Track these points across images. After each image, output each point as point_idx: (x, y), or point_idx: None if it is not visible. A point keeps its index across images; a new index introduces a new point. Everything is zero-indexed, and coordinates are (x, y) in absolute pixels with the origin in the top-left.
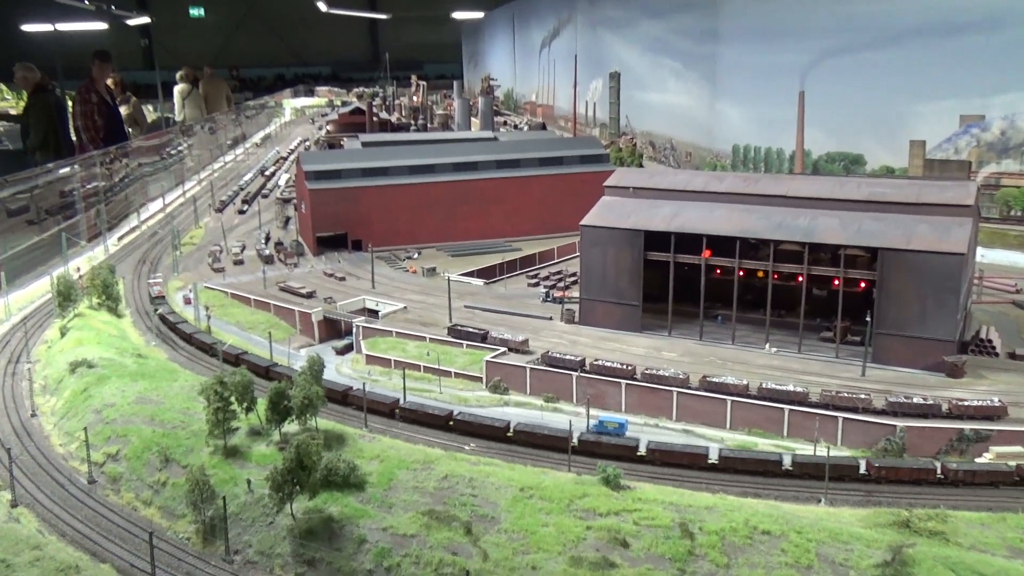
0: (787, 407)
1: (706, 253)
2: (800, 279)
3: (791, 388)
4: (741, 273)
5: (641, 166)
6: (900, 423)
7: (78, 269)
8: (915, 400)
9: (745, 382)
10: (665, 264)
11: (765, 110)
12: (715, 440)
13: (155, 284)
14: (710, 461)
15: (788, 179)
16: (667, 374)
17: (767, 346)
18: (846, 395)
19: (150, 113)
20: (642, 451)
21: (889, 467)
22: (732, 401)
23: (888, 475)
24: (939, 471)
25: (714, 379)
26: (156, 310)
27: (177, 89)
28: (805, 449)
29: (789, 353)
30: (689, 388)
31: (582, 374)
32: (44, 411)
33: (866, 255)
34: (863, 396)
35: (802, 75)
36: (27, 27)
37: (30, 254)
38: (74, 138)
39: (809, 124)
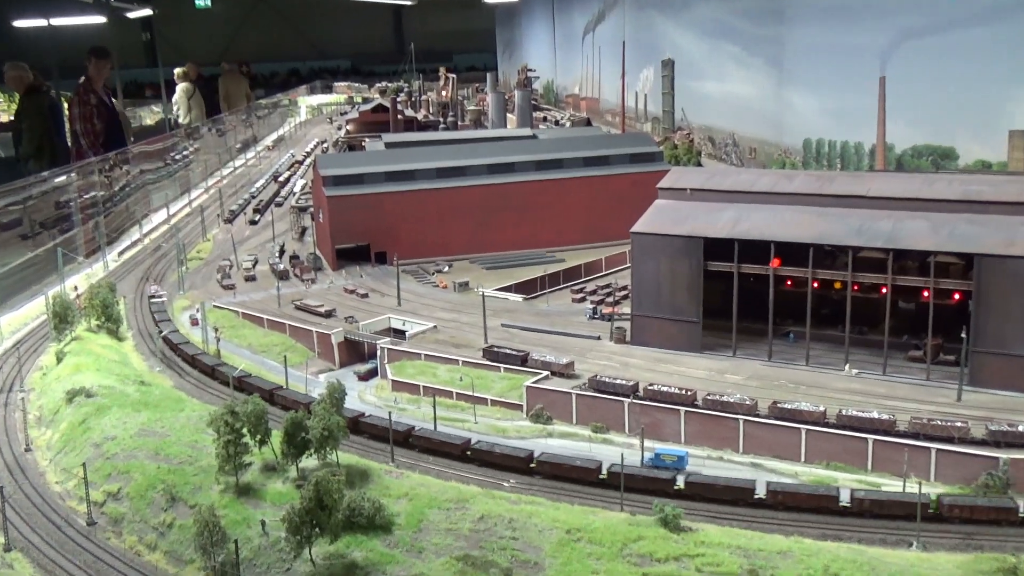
0: (871, 437)
1: (775, 262)
2: (884, 290)
3: (875, 415)
4: (815, 284)
5: (699, 165)
6: (1003, 455)
7: (75, 288)
8: (1020, 428)
9: (822, 409)
10: (728, 275)
11: (840, 99)
12: (788, 475)
13: (153, 287)
14: (841, 504)
15: (868, 177)
16: (732, 400)
17: (847, 367)
18: (939, 423)
19: (154, 115)
20: (760, 494)
21: None
22: (807, 430)
23: None
24: None
25: (786, 405)
26: (160, 332)
27: (181, 88)
28: (892, 485)
29: (872, 375)
30: (757, 416)
31: (635, 401)
32: (39, 445)
33: (960, 262)
34: (959, 424)
35: (883, 58)
36: (19, 23)
37: (23, 272)
38: (70, 143)
39: (891, 114)
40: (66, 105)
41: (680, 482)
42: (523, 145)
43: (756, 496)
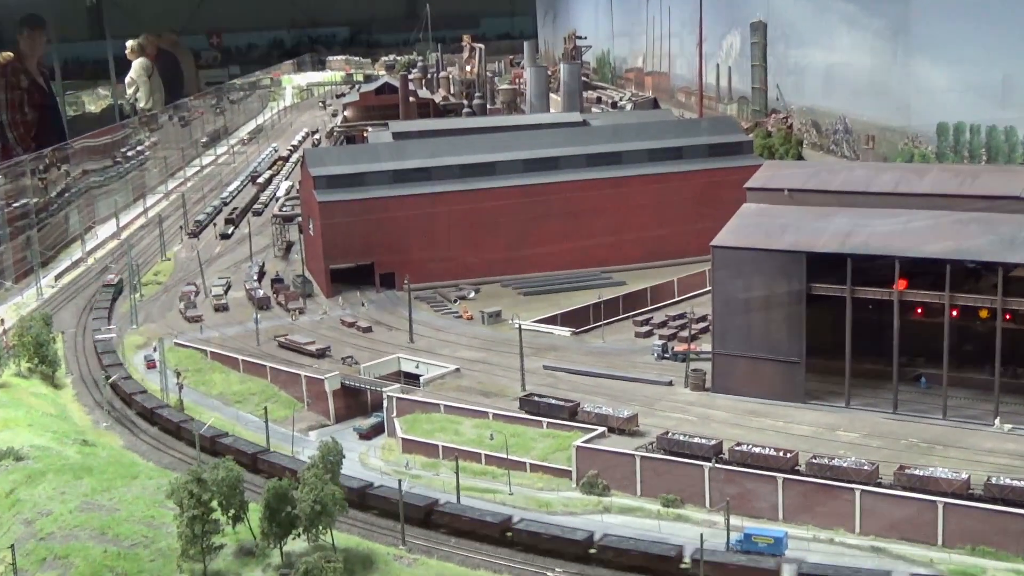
0: None
1: (900, 284)
2: None
3: None
4: (954, 313)
5: (800, 158)
6: None
7: (1, 322)
8: None
9: (965, 476)
10: (839, 301)
11: (985, 71)
12: (922, 562)
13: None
14: None
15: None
16: (845, 465)
17: (997, 421)
18: None
19: (102, 99)
20: None
21: None
22: (945, 504)
23: None
24: None
25: (917, 472)
26: (108, 378)
27: (139, 64)
28: None
29: None
30: (879, 485)
31: (718, 465)
32: None
33: None
34: None
35: None
36: None
37: None
38: None
39: None
40: None
41: None
42: (571, 134)
43: None
